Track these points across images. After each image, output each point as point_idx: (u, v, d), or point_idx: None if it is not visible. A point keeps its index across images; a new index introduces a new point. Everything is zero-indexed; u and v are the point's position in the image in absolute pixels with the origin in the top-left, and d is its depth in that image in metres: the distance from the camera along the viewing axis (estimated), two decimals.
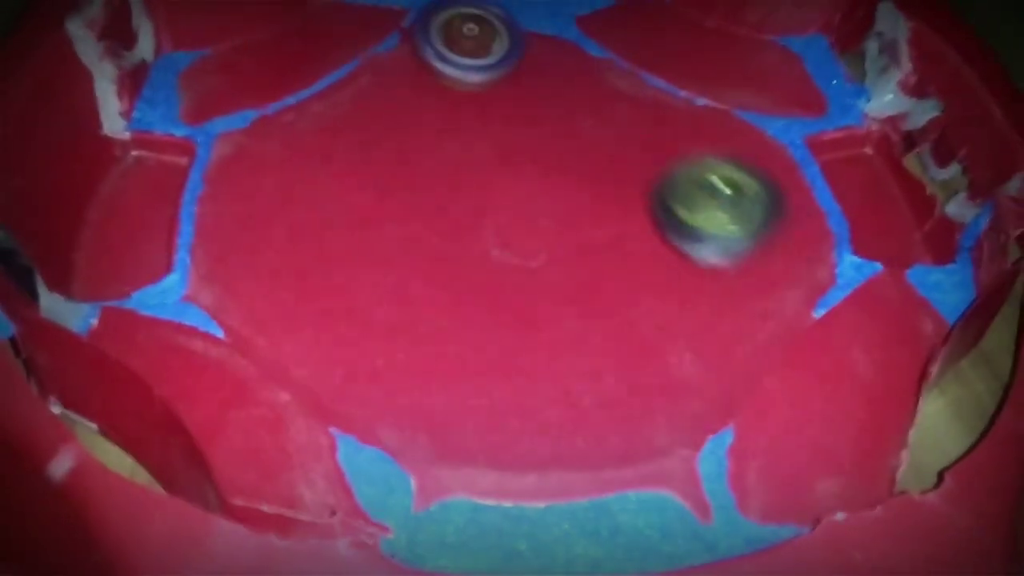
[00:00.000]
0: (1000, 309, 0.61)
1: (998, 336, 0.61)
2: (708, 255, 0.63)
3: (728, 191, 0.65)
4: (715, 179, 0.65)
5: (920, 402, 0.54)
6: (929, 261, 0.65)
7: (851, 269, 0.63)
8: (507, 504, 0.51)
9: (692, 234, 0.63)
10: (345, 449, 0.53)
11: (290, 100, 0.72)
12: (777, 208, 0.64)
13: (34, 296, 0.54)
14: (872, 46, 0.75)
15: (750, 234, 0.63)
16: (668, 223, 0.64)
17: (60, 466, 0.43)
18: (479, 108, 0.73)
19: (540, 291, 0.62)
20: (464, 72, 0.74)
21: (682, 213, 0.63)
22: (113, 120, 0.68)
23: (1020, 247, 0.59)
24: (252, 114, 0.70)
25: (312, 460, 0.52)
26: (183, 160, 0.68)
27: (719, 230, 0.63)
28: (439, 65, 0.73)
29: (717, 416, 0.55)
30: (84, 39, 0.64)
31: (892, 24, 0.73)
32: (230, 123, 0.70)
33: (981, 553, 0.43)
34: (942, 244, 0.65)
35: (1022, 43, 0.79)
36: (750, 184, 0.65)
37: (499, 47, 0.75)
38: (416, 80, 0.75)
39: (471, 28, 0.75)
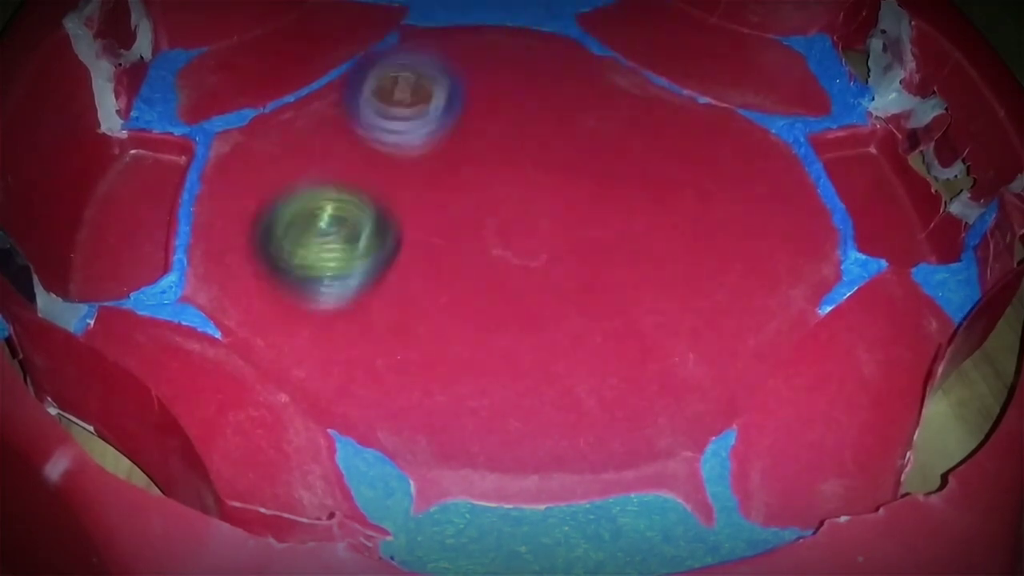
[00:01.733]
0: (1006, 309, 0.60)
1: (1001, 337, 0.61)
2: (324, 299, 0.59)
3: (335, 223, 0.60)
4: (321, 213, 0.61)
5: (925, 403, 0.53)
6: (933, 259, 0.65)
7: (856, 266, 0.62)
8: (507, 506, 0.51)
9: (306, 280, 0.59)
10: (344, 451, 0.52)
11: (289, 98, 0.72)
12: (390, 229, 0.60)
13: (31, 296, 0.53)
14: (876, 44, 0.75)
15: (366, 266, 0.59)
16: (279, 270, 0.59)
17: (56, 467, 0.42)
18: (480, 107, 0.73)
19: (541, 291, 0.61)
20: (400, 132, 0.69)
21: (291, 258, 0.59)
22: (111, 118, 0.68)
23: None
24: (250, 112, 0.70)
25: (311, 462, 0.51)
26: (181, 159, 0.68)
27: (333, 268, 0.59)
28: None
29: (720, 417, 0.55)
30: (82, 37, 0.64)
31: (896, 23, 0.73)
32: (228, 122, 0.69)
33: (986, 556, 0.43)
34: (946, 242, 0.65)
35: (1022, 43, 0.79)
36: (357, 210, 0.61)
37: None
38: None
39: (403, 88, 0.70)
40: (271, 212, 0.60)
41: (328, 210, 0.61)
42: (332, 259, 0.59)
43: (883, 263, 0.62)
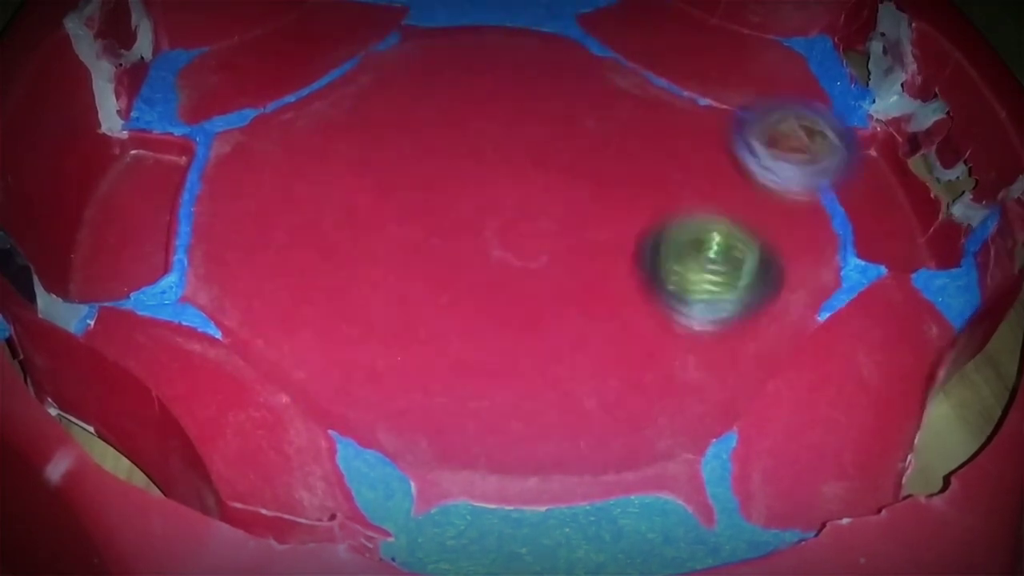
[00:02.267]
0: (1006, 314, 0.60)
1: (1003, 338, 0.61)
2: (692, 320, 0.60)
3: (721, 256, 0.62)
4: (709, 240, 0.62)
5: (926, 406, 0.53)
6: (934, 264, 0.65)
7: (856, 272, 0.62)
8: (508, 508, 0.51)
9: (677, 297, 0.60)
10: (344, 452, 0.52)
11: (290, 98, 0.72)
12: (771, 277, 0.61)
13: (31, 297, 0.53)
14: (876, 47, 0.75)
15: (739, 302, 0.60)
16: (656, 284, 0.61)
17: (57, 468, 0.42)
18: (480, 107, 0.73)
19: (541, 292, 0.61)
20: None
21: (670, 274, 0.61)
22: (111, 119, 0.67)
23: None
24: (251, 113, 0.70)
25: (311, 463, 0.51)
26: (181, 159, 0.68)
27: (706, 295, 0.60)
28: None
29: (720, 419, 0.55)
30: (82, 37, 0.64)
31: (895, 25, 0.73)
32: (229, 122, 0.69)
33: (987, 557, 0.43)
34: (947, 247, 0.65)
35: (1022, 43, 0.79)
36: (745, 249, 0.62)
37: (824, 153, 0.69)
38: (416, 79, 0.75)
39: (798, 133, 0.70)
40: (661, 231, 0.63)
41: (716, 240, 0.62)
42: (711, 285, 0.61)
43: (882, 269, 0.62)
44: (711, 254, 0.62)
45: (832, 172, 0.69)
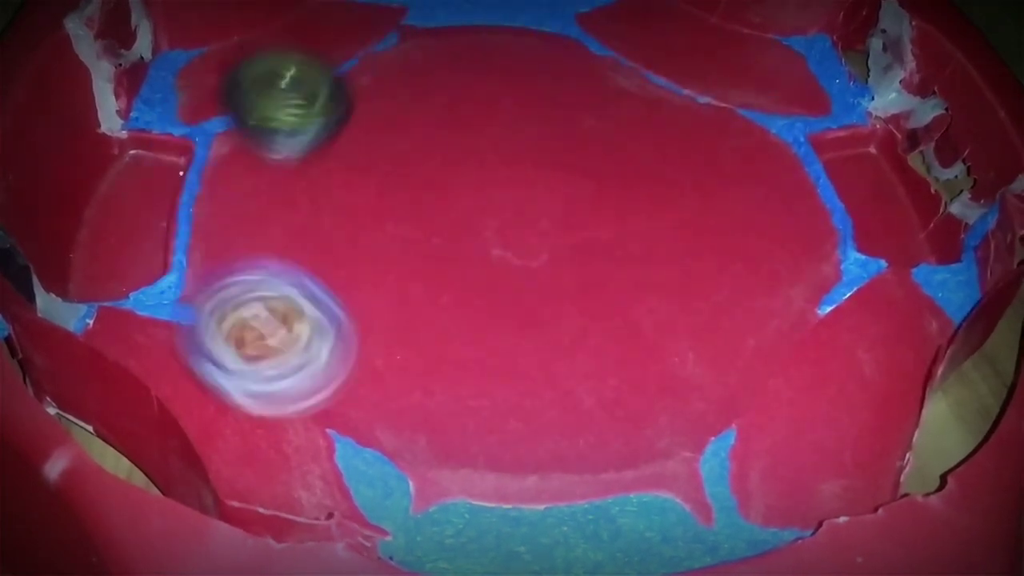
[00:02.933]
0: (1006, 309, 0.60)
1: (1000, 336, 0.61)
2: (277, 151, 0.63)
3: (295, 86, 0.63)
4: (284, 72, 0.64)
5: (925, 404, 0.53)
6: (933, 260, 0.65)
7: (855, 266, 0.62)
8: (506, 506, 0.51)
9: (263, 131, 0.62)
10: (343, 451, 0.52)
11: None
12: (344, 94, 0.64)
13: (31, 296, 0.53)
14: (876, 44, 0.75)
15: (319, 125, 0.63)
16: (241, 121, 0.63)
17: (56, 467, 0.42)
18: (480, 107, 0.73)
19: (541, 291, 0.61)
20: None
21: (251, 111, 0.62)
22: (111, 119, 0.68)
23: None
24: None
25: (310, 462, 0.51)
26: (181, 159, 0.68)
27: (289, 123, 0.62)
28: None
29: (719, 417, 0.55)
30: (82, 37, 0.64)
31: (896, 23, 0.73)
32: (228, 122, 0.69)
33: (985, 556, 0.43)
34: (946, 243, 0.65)
35: (1022, 43, 0.79)
36: (316, 74, 0.64)
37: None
38: (415, 79, 0.75)
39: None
40: (238, 68, 0.64)
41: (291, 72, 0.64)
42: (290, 115, 0.62)
43: (882, 263, 0.62)
44: (284, 85, 0.63)
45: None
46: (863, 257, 0.63)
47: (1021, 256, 0.59)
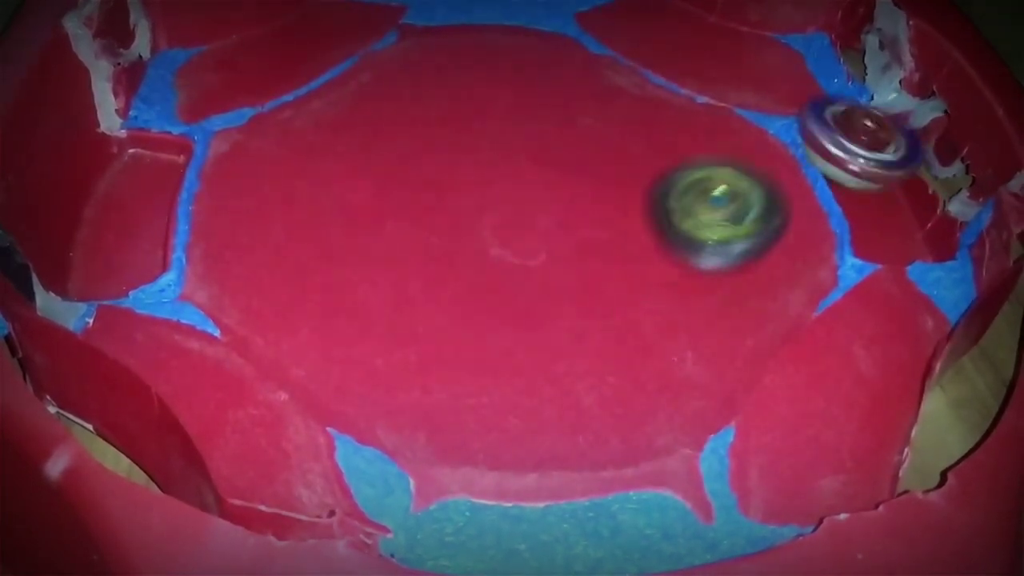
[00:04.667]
0: (1002, 306, 0.61)
1: (999, 335, 0.61)
2: (707, 262, 0.62)
3: (726, 197, 0.63)
4: (714, 184, 0.63)
5: (923, 399, 0.53)
6: (930, 259, 0.65)
7: (853, 271, 0.62)
8: (507, 504, 0.51)
9: (690, 242, 0.61)
10: (343, 449, 0.52)
11: (288, 97, 0.72)
12: (779, 212, 0.62)
13: (30, 294, 0.53)
14: (872, 41, 0.75)
15: (750, 241, 0.61)
16: (666, 231, 0.62)
17: (56, 466, 0.42)
18: (478, 105, 0.73)
19: (540, 290, 0.61)
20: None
21: (679, 221, 0.62)
22: (110, 118, 0.68)
23: (1023, 244, 0.59)
24: (249, 111, 0.70)
25: (310, 460, 0.51)
26: (180, 158, 0.68)
27: (717, 237, 0.61)
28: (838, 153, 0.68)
29: (718, 415, 0.55)
30: (81, 36, 0.64)
31: (892, 22, 0.73)
32: (227, 121, 0.69)
33: (985, 553, 0.43)
34: (943, 242, 0.65)
35: (1022, 43, 0.79)
36: (750, 189, 0.63)
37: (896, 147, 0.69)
38: (414, 78, 0.75)
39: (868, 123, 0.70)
40: (671, 174, 0.64)
41: (724, 183, 0.63)
42: (719, 229, 0.61)
43: (879, 269, 0.62)
44: (716, 194, 0.63)
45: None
46: (860, 263, 0.63)
47: (1017, 253, 0.59)
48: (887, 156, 0.68)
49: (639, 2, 0.83)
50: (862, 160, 0.67)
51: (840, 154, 0.68)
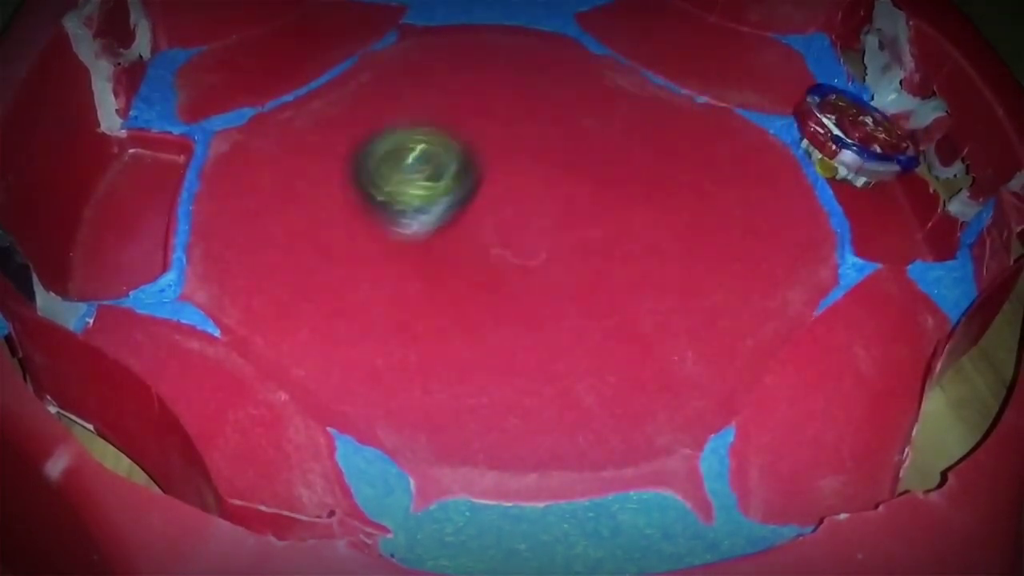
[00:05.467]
0: (1003, 305, 0.61)
1: (1000, 335, 0.61)
2: (412, 226, 0.62)
3: (422, 159, 0.63)
4: (409, 150, 0.63)
5: (923, 399, 0.53)
6: (930, 259, 0.65)
7: (853, 271, 0.62)
8: (507, 504, 0.51)
9: (393, 208, 0.61)
10: (344, 449, 0.52)
11: (288, 97, 0.72)
12: (474, 168, 0.62)
13: (30, 294, 0.53)
14: (871, 41, 0.75)
15: (450, 198, 0.61)
16: (370, 200, 0.61)
17: (57, 465, 0.42)
18: (478, 106, 0.73)
19: (540, 290, 0.61)
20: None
21: (380, 189, 0.61)
22: (110, 118, 0.68)
23: (1023, 243, 0.59)
24: (249, 111, 0.70)
25: (310, 460, 0.51)
26: (180, 158, 0.68)
27: (419, 200, 0.61)
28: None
29: (718, 415, 0.55)
30: (81, 36, 0.64)
31: (892, 22, 0.73)
32: (227, 120, 0.69)
33: (986, 553, 0.43)
34: (943, 241, 0.65)
35: (1022, 43, 0.79)
36: (444, 149, 0.63)
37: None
38: (414, 77, 0.75)
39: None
40: (367, 143, 0.63)
41: (417, 149, 0.63)
42: (417, 192, 0.61)
43: (880, 268, 0.62)
44: (411, 160, 0.63)
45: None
46: (860, 262, 0.63)
47: (1018, 253, 0.59)
48: (871, 149, 0.68)
49: (639, 2, 0.84)
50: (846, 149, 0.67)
51: (818, 130, 0.68)
